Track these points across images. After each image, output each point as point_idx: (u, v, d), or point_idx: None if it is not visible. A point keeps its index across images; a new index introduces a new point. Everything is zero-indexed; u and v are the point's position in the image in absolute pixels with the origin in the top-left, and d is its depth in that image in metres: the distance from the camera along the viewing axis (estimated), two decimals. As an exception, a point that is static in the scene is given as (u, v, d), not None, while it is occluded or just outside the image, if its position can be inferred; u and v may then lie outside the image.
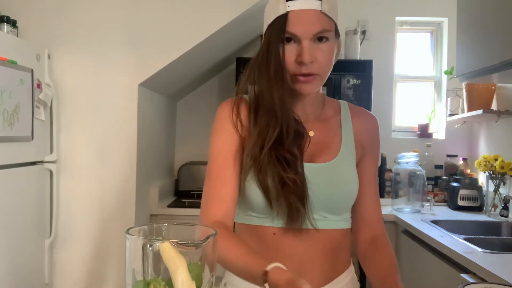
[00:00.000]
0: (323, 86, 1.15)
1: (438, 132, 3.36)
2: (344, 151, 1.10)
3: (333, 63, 1.08)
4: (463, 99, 2.95)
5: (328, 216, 1.06)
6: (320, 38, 1.00)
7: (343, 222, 1.10)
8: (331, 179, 1.06)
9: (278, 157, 1.01)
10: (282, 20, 1.00)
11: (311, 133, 1.10)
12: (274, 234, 1.06)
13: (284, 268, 0.88)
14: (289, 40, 1.00)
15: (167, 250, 0.69)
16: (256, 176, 1.02)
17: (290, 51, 1.00)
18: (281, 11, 1.00)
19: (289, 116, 1.03)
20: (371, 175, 1.17)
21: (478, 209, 2.77)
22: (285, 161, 1.01)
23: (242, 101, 1.10)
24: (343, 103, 1.19)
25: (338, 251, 1.10)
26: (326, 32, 1.00)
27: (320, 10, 0.99)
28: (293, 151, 1.03)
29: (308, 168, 1.05)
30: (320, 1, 0.99)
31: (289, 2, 1.00)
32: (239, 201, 1.10)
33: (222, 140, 1.08)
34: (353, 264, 1.18)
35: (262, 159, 1.01)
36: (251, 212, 1.08)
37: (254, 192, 1.03)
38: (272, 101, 1.02)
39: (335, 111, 1.16)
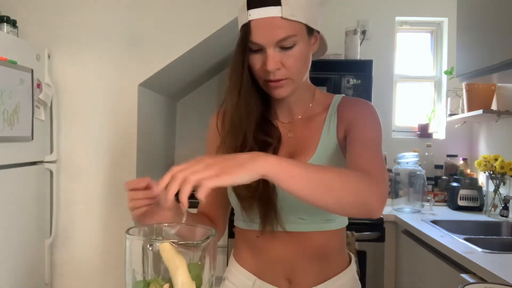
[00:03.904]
0: (323, 86, 1.15)
1: (438, 132, 3.36)
2: (322, 149, 1.06)
3: (309, 63, 1.05)
4: (463, 99, 2.95)
5: (306, 218, 1.05)
6: (285, 44, 0.97)
7: (326, 223, 1.06)
8: None
9: None
10: (245, 30, 0.98)
11: (290, 134, 1.10)
12: (257, 237, 1.08)
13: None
14: (256, 48, 0.99)
15: (167, 250, 0.69)
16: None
17: (256, 59, 0.99)
18: (244, 20, 0.99)
19: (248, 128, 1.04)
20: (360, 145, 0.99)
21: (478, 209, 2.76)
22: None
23: (222, 114, 1.12)
24: (337, 97, 1.13)
25: (328, 253, 1.08)
26: (290, 38, 0.97)
27: (281, 16, 0.95)
28: None
29: None
30: (280, 7, 0.95)
31: (250, 11, 0.97)
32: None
33: (209, 150, 1.15)
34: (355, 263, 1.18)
35: None
36: (238, 216, 1.12)
37: (233, 199, 1.07)
38: (233, 112, 1.05)
39: (324, 107, 1.11)
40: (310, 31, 1.02)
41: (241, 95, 1.02)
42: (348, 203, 0.85)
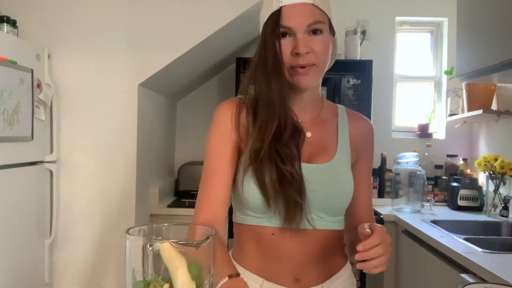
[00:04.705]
0: (323, 86, 1.16)
1: (438, 132, 3.36)
2: (341, 153, 1.12)
3: (330, 58, 1.09)
4: (463, 99, 2.95)
5: (324, 217, 1.08)
6: (314, 31, 1.03)
7: (338, 223, 1.12)
8: (328, 180, 1.08)
9: (277, 151, 1.03)
10: (276, 16, 1.03)
11: (308, 134, 1.11)
12: (273, 234, 1.06)
13: (241, 279, 0.96)
14: (284, 34, 1.03)
15: (167, 250, 0.69)
16: (254, 174, 1.03)
17: (285, 45, 1.03)
18: (275, 7, 1.03)
19: (286, 108, 1.06)
20: (365, 179, 1.20)
21: (478, 209, 2.77)
22: (283, 156, 1.03)
23: (242, 102, 1.11)
24: (340, 107, 1.21)
25: (334, 251, 1.12)
26: (320, 23, 1.03)
27: (312, 3, 1.03)
28: (291, 147, 1.05)
29: (306, 168, 1.06)
30: None
31: None
32: (236, 201, 1.12)
33: (218, 142, 1.09)
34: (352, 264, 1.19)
35: (263, 153, 1.02)
36: (249, 212, 1.08)
37: (252, 191, 1.03)
38: (270, 93, 1.04)
39: (333, 113, 1.18)
40: (331, 29, 1.08)
41: (283, 76, 1.04)
42: None
